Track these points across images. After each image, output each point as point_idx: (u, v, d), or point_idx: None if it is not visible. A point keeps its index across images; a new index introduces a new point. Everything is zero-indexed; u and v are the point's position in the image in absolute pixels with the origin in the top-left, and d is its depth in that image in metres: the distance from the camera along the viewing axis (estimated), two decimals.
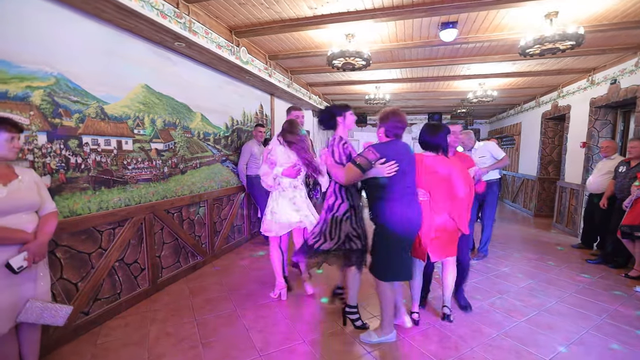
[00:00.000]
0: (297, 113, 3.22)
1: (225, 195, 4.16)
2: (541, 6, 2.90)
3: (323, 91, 7.04)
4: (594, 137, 4.88)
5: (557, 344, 2.28)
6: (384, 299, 2.19)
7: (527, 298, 3.01)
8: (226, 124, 4.19)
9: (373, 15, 3.04)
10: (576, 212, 5.16)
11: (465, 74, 5.29)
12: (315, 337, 2.34)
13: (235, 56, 3.61)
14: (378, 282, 2.19)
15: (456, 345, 2.27)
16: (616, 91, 4.36)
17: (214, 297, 2.97)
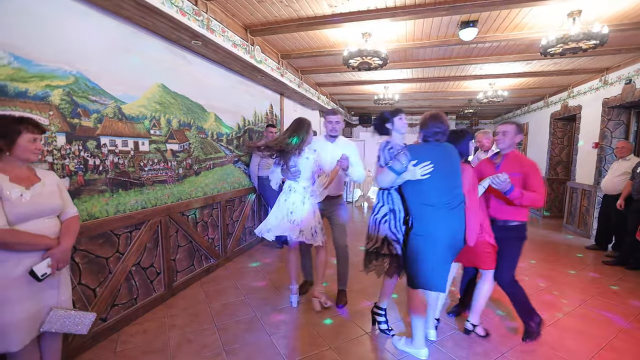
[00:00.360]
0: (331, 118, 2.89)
1: (237, 197, 4.10)
2: (565, 3, 2.85)
3: (331, 91, 6.98)
4: (607, 137, 4.84)
5: (587, 350, 2.24)
6: (411, 307, 2.13)
7: (550, 302, 2.96)
8: (238, 124, 4.12)
9: (393, 13, 2.99)
10: (588, 212, 5.13)
11: (476, 74, 5.24)
12: (341, 344, 2.28)
13: (250, 55, 3.54)
14: (407, 289, 2.13)
15: (486, 351, 2.22)
16: (631, 91, 4.33)
17: (232, 301, 2.90)
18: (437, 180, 1.95)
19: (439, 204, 1.95)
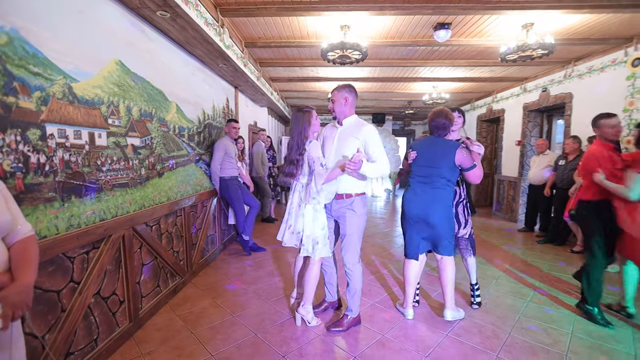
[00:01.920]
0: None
1: (200, 201, 3.55)
2: (521, 16, 3.21)
3: (281, 87, 6.68)
4: (527, 136, 5.72)
5: (567, 314, 2.53)
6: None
7: (516, 279, 3.30)
8: (199, 117, 3.57)
9: (382, 7, 2.94)
10: (514, 200, 5.99)
11: (425, 76, 5.62)
12: (364, 350, 2.11)
13: (220, 38, 3.09)
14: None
15: (495, 333, 2.32)
16: (546, 98, 5.19)
17: (219, 323, 2.46)
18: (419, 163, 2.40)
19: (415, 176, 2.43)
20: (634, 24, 3.46)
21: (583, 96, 4.59)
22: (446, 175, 2.31)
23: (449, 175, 2.31)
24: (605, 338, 2.29)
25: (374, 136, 2.21)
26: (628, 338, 2.29)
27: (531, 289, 3.13)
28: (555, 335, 2.33)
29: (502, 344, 2.21)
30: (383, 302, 2.82)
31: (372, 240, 4.80)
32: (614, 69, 4.13)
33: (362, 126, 2.25)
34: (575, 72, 4.69)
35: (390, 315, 2.59)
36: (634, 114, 3.88)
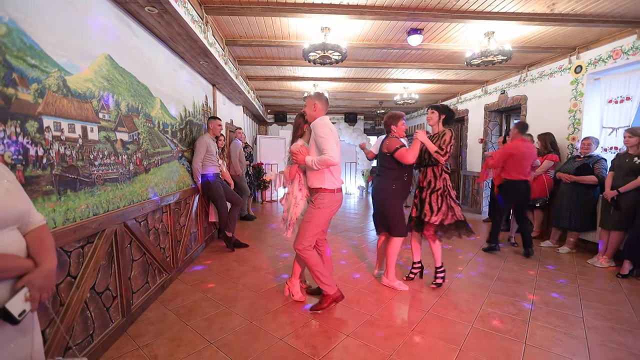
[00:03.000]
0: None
1: (183, 199, 3.53)
2: (484, 25, 3.56)
3: (256, 86, 6.71)
4: (489, 134, 6.24)
5: (529, 287, 2.88)
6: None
7: (483, 263, 3.65)
8: (180, 114, 3.56)
9: (361, 12, 3.14)
10: (478, 194, 6.50)
11: (397, 78, 5.94)
12: (355, 329, 2.28)
13: (204, 35, 3.12)
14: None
15: (469, 308, 2.60)
16: (505, 99, 5.71)
17: (213, 314, 2.51)
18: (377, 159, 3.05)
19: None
20: (575, 37, 3.96)
21: (536, 98, 5.13)
22: (384, 163, 2.87)
23: (384, 162, 2.88)
24: (555, 303, 2.64)
25: (319, 128, 2.38)
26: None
27: (497, 269, 3.48)
28: (518, 305, 2.65)
29: (476, 316, 2.48)
30: (368, 288, 3.02)
31: (348, 234, 5.01)
32: (561, 75, 4.67)
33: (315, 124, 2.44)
34: (529, 77, 5.22)
35: (375, 298, 2.79)
36: (577, 114, 4.42)
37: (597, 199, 3.89)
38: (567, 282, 3.13)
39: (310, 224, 2.48)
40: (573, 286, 3.05)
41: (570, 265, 3.64)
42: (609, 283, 3.12)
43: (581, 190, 3.94)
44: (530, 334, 2.24)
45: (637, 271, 3.26)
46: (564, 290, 2.96)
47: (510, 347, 2.09)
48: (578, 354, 2.02)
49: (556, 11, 3.24)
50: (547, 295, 2.85)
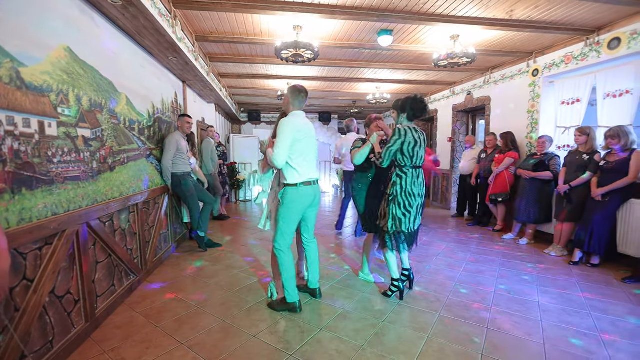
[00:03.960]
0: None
1: (152, 198, 3.42)
2: (450, 29, 3.73)
3: (229, 83, 6.60)
4: (457, 133, 6.52)
5: (492, 276, 3.06)
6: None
7: (451, 256, 3.83)
8: (149, 111, 3.44)
9: (332, 11, 3.18)
10: (448, 190, 6.78)
11: (369, 78, 6.06)
12: (329, 323, 2.32)
13: (173, 30, 3.03)
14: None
15: (437, 298, 2.72)
16: (471, 100, 5.99)
17: (184, 315, 2.46)
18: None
19: None
20: (532, 42, 4.24)
21: (498, 99, 5.43)
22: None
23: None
24: (515, 290, 2.83)
25: (279, 125, 2.39)
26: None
27: (463, 261, 3.66)
28: (482, 294, 2.81)
29: (443, 305, 2.60)
30: (341, 283, 3.07)
31: (324, 232, 5.06)
32: (520, 78, 4.97)
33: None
34: (492, 79, 5.52)
35: (349, 293, 2.85)
36: (535, 115, 4.73)
37: (552, 193, 4.19)
38: (526, 271, 3.36)
39: (279, 222, 2.47)
40: (531, 274, 3.27)
41: (529, 255, 3.90)
42: (562, 270, 3.38)
43: (538, 185, 4.23)
44: (492, 319, 2.38)
45: (586, 258, 3.55)
46: (523, 278, 3.17)
47: (473, 331, 2.22)
48: (533, 334, 2.18)
49: (514, 17, 3.45)
50: (508, 283, 3.04)
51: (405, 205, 2.56)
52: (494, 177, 4.82)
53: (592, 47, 3.85)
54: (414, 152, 2.53)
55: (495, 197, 4.81)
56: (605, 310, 2.52)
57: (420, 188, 2.63)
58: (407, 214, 2.58)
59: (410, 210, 2.58)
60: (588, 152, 3.66)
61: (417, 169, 2.60)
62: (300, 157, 2.39)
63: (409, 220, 2.60)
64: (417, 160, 2.57)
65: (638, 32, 3.38)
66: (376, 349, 2.02)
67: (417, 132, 2.57)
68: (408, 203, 2.56)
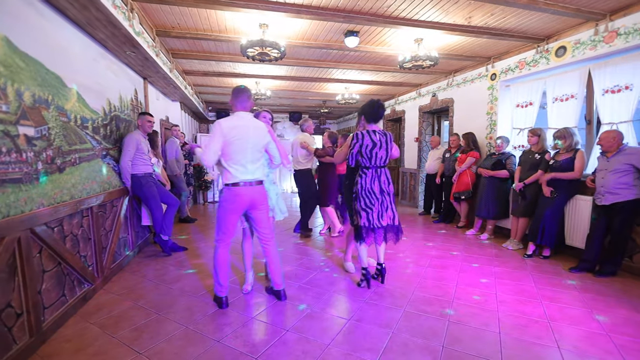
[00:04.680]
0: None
1: (109, 201, 3.22)
2: (414, 32, 3.84)
3: (195, 81, 6.38)
4: (423, 134, 6.75)
5: (454, 271, 3.20)
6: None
7: (418, 252, 3.96)
8: (104, 108, 3.24)
9: (298, 10, 3.17)
10: (415, 189, 6.99)
11: (338, 78, 6.11)
12: (296, 324, 2.31)
13: (129, 23, 2.87)
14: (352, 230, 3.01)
15: (402, 294, 2.79)
16: (435, 101, 6.22)
17: (143, 323, 2.34)
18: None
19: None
20: (490, 48, 4.47)
21: (461, 101, 5.68)
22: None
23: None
24: (475, 284, 2.97)
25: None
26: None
27: (429, 257, 3.79)
28: (445, 288, 2.93)
29: (408, 301, 2.68)
30: (309, 283, 3.07)
31: (290, 232, 5.03)
32: (480, 81, 5.23)
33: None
34: (455, 82, 5.77)
35: (317, 292, 2.85)
36: (493, 116, 5.00)
37: (509, 190, 4.45)
38: (486, 264, 3.54)
39: (217, 219, 2.54)
40: (489, 267, 3.45)
41: (488, 249, 4.11)
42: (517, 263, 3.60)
43: (497, 183, 4.47)
44: (453, 312, 2.48)
45: (539, 251, 3.80)
46: (483, 271, 3.34)
47: (436, 324, 2.30)
48: (490, 324, 2.30)
49: (473, 24, 3.62)
50: (468, 277, 3.19)
51: (367, 202, 2.73)
52: (457, 176, 5.04)
53: (542, 54, 4.13)
54: (372, 154, 2.70)
55: (458, 195, 5.03)
56: (553, 298, 2.71)
57: (383, 186, 2.75)
58: (369, 210, 2.73)
59: (371, 207, 2.73)
60: (539, 151, 3.93)
61: (379, 169, 2.75)
62: (233, 158, 2.39)
63: (372, 216, 2.74)
64: (376, 161, 2.73)
65: (581, 42, 3.67)
66: (342, 347, 2.03)
67: (377, 134, 2.73)
68: (369, 200, 2.72)
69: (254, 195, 2.48)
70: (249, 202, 2.48)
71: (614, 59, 3.46)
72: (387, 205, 2.79)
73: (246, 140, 2.40)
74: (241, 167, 2.42)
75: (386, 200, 2.77)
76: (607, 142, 3.13)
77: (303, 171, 4.52)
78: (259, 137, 2.46)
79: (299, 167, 4.51)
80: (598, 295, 2.76)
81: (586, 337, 2.14)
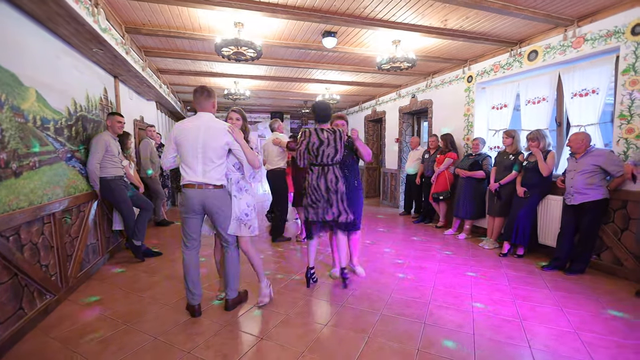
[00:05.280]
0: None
1: (75, 206, 3.06)
2: (391, 34, 3.85)
3: (171, 80, 6.19)
4: (403, 134, 6.81)
5: (432, 272, 3.22)
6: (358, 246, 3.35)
7: (397, 253, 3.97)
8: (68, 108, 3.07)
9: (274, 10, 3.11)
10: (396, 189, 7.05)
11: (318, 78, 6.07)
12: (270, 330, 2.25)
13: (94, 19, 2.73)
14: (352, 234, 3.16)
15: (379, 297, 2.78)
16: (415, 103, 6.29)
17: (110, 335, 2.22)
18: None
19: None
20: (466, 50, 4.55)
21: (439, 103, 5.76)
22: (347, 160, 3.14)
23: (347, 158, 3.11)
24: (451, 284, 3.01)
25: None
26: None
27: (407, 257, 3.82)
28: (422, 289, 2.94)
29: (385, 304, 2.67)
30: (286, 287, 3.01)
31: (265, 235, 4.96)
32: (457, 83, 5.32)
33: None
34: (433, 83, 5.84)
35: (293, 297, 2.80)
36: (470, 118, 5.09)
37: (486, 190, 4.54)
38: (463, 264, 3.59)
39: None
40: (466, 267, 3.50)
41: (466, 249, 4.18)
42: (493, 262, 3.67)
43: (474, 183, 4.56)
44: (430, 314, 2.49)
45: (513, 249, 3.90)
46: (459, 271, 3.38)
47: (412, 328, 2.30)
48: (465, 325, 2.31)
49: (449, 26, 3.66)
50: (446, 277, 3.22)
51: (312, 199, 2.85)
52: (436, 177, 5.11)
53: (516, 58, 4.24)
54: (319, 151, 2.79)
55: (437, 195, 5.09)
56: (526, 297, 2.77)
57: (330, 184, 2.82)
58: (315, 205, 2.85)
59: (317, 203, 2.84)
60: (513, 152, 4.03)
61: (326, 167, 2.83)
62: (184, 159, 2.37)
63: (317, 212, 2.85)
64: (322, 159, 2.80)
65: (551, 46, 3.79)
66: (317, 354, 2.00)
67: (325, 132, 2.81)
68: (315, 197, 2.84)
69: (206, 199, 2.35)
70: (201, 206, 2.37)
71: (581, 64, 3.58)
72: (333, 202, 2.85)
73: (195, 141, 2.31)
74: (189, 169, 2.36)
75: (332, 198, 2.84)
76: (575, 143, 3.23)
77: (276, 171, 4.42)
78: (211, 138, 2.32)
79: (272, 167, 4.40)
80: (568, 293, 2.85)
81: (556, 336, 2.18)
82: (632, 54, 3.03)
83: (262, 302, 2.60)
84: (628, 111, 3.09)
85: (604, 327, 2.29)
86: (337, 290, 2.96)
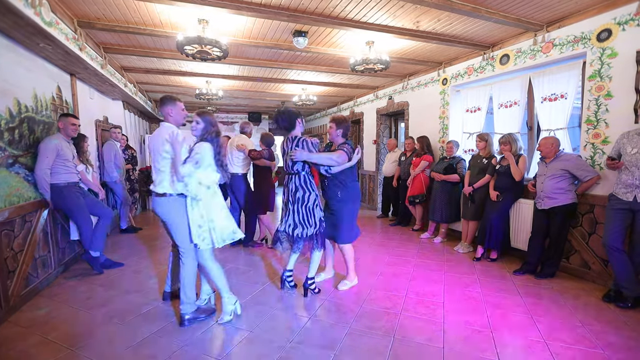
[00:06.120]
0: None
1: (19, 216, 2.78)
2: (364, 35, 3.76)
3: (139, 79, 5.88)
4: (381, 136, 6.77)
5: (405, 279, 3.15)
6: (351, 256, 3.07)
7: (372, 259, 3.89)
8: (10, 109, 2.78)
9: (238, 7, 2.94)
10: (374, 192, 7.00)
11: (294, 79, 5.93)
12: (231, 351, 2.09)
13: (35, 10, 2.47)
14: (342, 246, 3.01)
15: (350, 308, 2.68)
16: (392, 104, 6.25)
17: (58, 358, 2.00)
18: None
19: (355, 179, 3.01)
20: (440, 53, 4.53)
21: (415, 105, 5.73)
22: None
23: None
24: (423, 292, 2.94)
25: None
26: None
27: (381, 264, 3.74)
28: (394, 299, 2.86)
29: (354, 316, 2.56)
30: (252, 300, 2.85)
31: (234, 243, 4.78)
32: (433, 85, 5.31)
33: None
34: (409, 85, 5.82)
35: (258, 311, 2.65)
36: (445, 120, 5.08)
37: (460, 194, 4.53)
38: (437, 270, 3.54)
39: None
40: (440, 273, 3.45)
41: (440, 253, 4.15)
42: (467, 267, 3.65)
43: (449, 187, 4.54)
44: (400, 327, 2.40)
45: (487, 253, 3.89)
46: (433, 278, 3.33)
47: (380, 343, 2.19)
48: (434, 339, 2.24)
49: (421, 28, 3.61)
50: (419, 285, 3.15)
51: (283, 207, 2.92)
52: (412, 180, 5.07)
53: (488, 61, 4.25)
54: (285, 160, 2.80)
55: (413, 198, 5.06)
56: (497, 305, 2.74)
57: (290, 193, 2.78)
58: (284, 215, 2.85)
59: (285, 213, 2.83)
60: (487, 156, 4.02)
61: (290, 175, 2.78)
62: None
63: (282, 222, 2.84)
64: (287, 168, 2.80)
65: (522, 51, 3.80)
66: None
67: (289, 141, 2.77)
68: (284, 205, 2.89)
69: (157, 208, 2.40)
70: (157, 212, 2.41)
71: (551, 68, 3.61)
72: (289, 213, 2.77)
73: (154, 150, 2.36)
74: (155, 176, 2.39)
75: (289, 209, 2.78)
76: (545, 148, 3.24)
77: (238, 176, 4.24)
78: (155, 145, 2.34)
79: (234, 171, 4.17)
80: (538, 299, 2.84)
81: (525, 347, 2.15)
82: (598, 60, 3.06)
83: (222, 320, 2.44)
84: (594, 116, 3.13)
85: (571, 335, 2.27)
86: (307, 300, 2.83)
